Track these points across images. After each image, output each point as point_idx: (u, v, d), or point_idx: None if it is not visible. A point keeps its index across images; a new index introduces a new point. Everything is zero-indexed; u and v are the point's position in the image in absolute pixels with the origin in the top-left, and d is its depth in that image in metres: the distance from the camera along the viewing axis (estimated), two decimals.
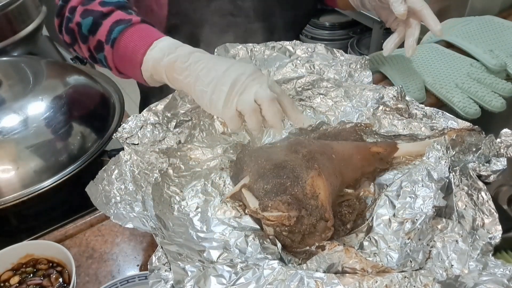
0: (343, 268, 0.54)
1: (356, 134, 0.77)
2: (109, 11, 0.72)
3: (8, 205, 0.75)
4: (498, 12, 1.21)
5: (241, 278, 0.53)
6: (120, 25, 0.70)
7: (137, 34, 0.69)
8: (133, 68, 0.70)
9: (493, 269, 0.51)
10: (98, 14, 0.72)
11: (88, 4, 0.73)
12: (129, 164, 0.68)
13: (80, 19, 0.73)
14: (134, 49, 0.68)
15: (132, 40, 0.69)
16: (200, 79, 0.61)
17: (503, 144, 0.64)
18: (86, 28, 0.73)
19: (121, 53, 0.70)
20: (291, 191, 0.60)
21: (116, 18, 0.71)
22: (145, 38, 0.68)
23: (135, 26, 0.70)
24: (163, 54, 0.65)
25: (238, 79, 0.59)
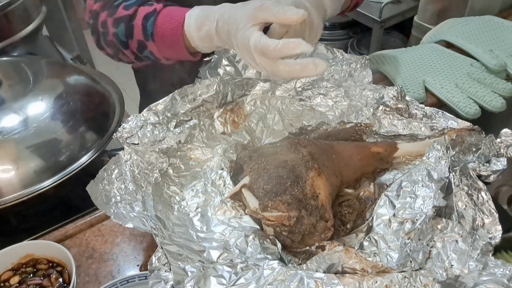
0: (343, 268, 0.54)
1: (356, 134, 0.77)
2: (134, 11, 0.75)
3: (8, 205, 0.75)
4: (498, 12, 1.21)
5: (241, 279, 0.53)
6: (150, 18, 0.73)
7: (168, 18, 0.72)
8: (179, 49, 0.72)
9: (493, 269, 0.51)
10: (127, 18, 0.75)
11: (115, 14, 0.76)
12: (129, 164, 0.68)
13: (114, 29, 0.76)
14: (172, 31, 0.71)
15: (167, 27, 0.72)
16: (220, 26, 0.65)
17: (503, 144, 0.64)
18: (122, 35, 0.76)
19: (163, 42, 0.73)
20: (291, 191, 0.60)
21: (143, 14, 0.74)
22: (177, 16, 0.71)
23: (161, 13, 0.73)
24: (197, 20, 0.68)
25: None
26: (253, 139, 0.78)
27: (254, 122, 0.78)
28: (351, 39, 2.17)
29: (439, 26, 1.14)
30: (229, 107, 0.78)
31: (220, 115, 0.77)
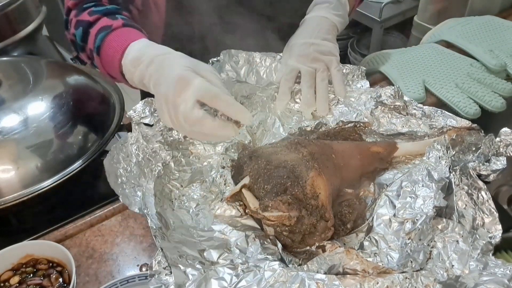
0: (344, 269, 0.54)
1: (355, 134, 0.77)
2: (95, 20, 0.74)
3: (8, 205, 0.75)
4: (498, 12, 1.21)
5: (243, 281, 0.53)
6: (102, 32, 0.71)
7: (116, 39, 0.70)
8: (117, 73, 0.70)
9: (494, 269, 0.51)
10: (86, 24, 0.74)
11: (79, 15, 0.75)
12: (135, 148, 0.70)
13: (74, 30, 0.76)
14: (112, 56, 0.69)
15: (111, 46, 0.70)
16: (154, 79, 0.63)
17: (503, 143, 0.64)
18: (79, 39, 0.75)
19: (105, 60, 0.72)
20: (291, 191, 0.60)
21: (100, 26, 0.72)
22: (122, 42, 0.68)
23: (115, 31, 0.71)
24: (132, 57, 0.66)
25: (168, 94, 0.58)
26: (254, 140, 0.78)
27: (255, 125, 0.79)
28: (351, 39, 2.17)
29: (439, 26, 1.14)
30: None
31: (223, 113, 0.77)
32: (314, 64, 0.77)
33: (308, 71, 0.77)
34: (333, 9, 0.82)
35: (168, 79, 0.59)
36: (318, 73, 0.77)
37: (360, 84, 0.83)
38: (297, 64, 0.78)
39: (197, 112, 0.57)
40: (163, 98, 0.59)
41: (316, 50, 0.77)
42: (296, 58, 0.78)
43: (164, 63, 0.62)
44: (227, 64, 0.85)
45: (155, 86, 0.62)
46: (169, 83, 0.58)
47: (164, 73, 0.61)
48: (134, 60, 0.65)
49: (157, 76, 0.62)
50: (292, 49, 0.79)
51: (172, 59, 0.62)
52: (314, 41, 0.78)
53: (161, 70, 0.61)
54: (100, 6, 0.76)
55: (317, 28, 0.79)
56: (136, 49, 0.66)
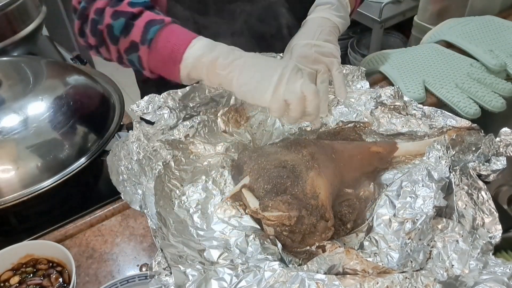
0: (344, 269, 0.54)
1: (355, 134, 0.77)
2: (139, 12, 0.73)
3: (8, 205, 0.75)
4: (498, 12, 1.21)
5: (242, 281, 0.52)
6: (155, 25, 0.71)
7: (174, 34, 0.71)
8: (171, 67, 0.71)
9: (494, 267, 0.51)
10: (129, 15, 0.72)
11: (117, 6, 0.73)
12: (136, 146, 0.70)
13: (111, 21, 0.72)
14: (173, 48, 0.70)
15: (170, 39, 0.70)
16: (243, 72, 0.66)
17: (503, 143, 0.64)
18: (118, 30, 0.73)
19: (158, 53, 0.71)
20: (291, 191, 0.60)
21: (148, 18, 0.72)
22: (182, 37, 0.70)
23: (169, 26, 0.72)
24: (203, 52, 0.68)
25: (284, 72, 0.64)
26: (254, 140, 0.78)
27: (255, 125, 0.79)
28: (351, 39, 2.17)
29: (439, 26, 1.14)
30: (234, 106, 0.78)
31: (224, 113, 0.77)
32: (315, 66, 0.77)
33: (309, 72, 0.77)
34: (334, 10, 0.82)
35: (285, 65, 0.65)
36: (319, 74, 0.77)
37: (360, 84, 0.83)
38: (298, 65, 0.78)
39: (314, 86, 0.65)
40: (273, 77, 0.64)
41: (318, 51, 0.77)
42: (297, 59, 0.77)
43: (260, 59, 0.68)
44: None
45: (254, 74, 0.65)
46: (288, 66, 0.65)
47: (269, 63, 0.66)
48: (207, 54, 0.67)
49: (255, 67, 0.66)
50: (293, 50, 0.79)
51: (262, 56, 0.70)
52: (316, 43, 0.78)
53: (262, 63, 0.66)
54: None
55: (319, 29, 0.79)
56: (205, 44, 0.69)
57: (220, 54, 0.67)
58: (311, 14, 0.84)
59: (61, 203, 0.87)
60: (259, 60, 0.68)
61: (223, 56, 0.67)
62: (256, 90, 0.65)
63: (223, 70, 0.67)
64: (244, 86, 0.65)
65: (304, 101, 0.64)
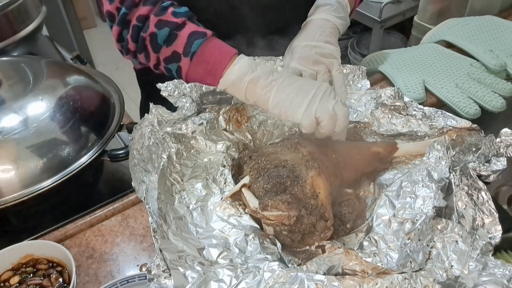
0: (343, 270, 0.54)
1: (355, 134, 0.77)
2: (183, 22, 0.74)
3: (8, 205, 0.75)
4: (498, 12, 1.21)
5: (242, 283, 0.52)
6: (198, 38, 0.73)
7: (216, 49, 0.74)
8: (209, 81, 0.74)
9: (493, 269, 0.51)
10: (173, 26, 0.73)
11: (162, 15, 0.74)
12: (149, 130, 0.70)
13: (156, 30, 0.74)
14: (214, 63, 0.73)
15: (213, 54, 0.73)
16: (280, 91, 0.69)
17: (503, 143, 0.64)
18: (162, 39, 0.74)
19: (200, 66, 0.74)
20: (291, 190, 0.60)
21: (191, 30, 0.74)
22: (224, 53, 0.73)
23: (211, 40, 0.74)
24: (246, 71, 0.71)
25: (317, 92, 0.68)
26: (254, 139, 0.78)
27: (256, 125, 0.79)
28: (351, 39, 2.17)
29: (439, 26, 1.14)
30: (235, 106, 0.79)
31: (225, 112, 0.77)
32: (316, 67, 0.78)
33: (309, 73, 0.77)
34: (334, 11, 0.83)
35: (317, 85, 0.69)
36: (319, 75, 0.78)
37: (361, 84, 0.83)
38: (299, 66, 0.78)
39: (346, 108, 0.70)
40: (308, 96, 0.68)
41: (318, 52, 0.78)
42: (297, 60, 0.78)
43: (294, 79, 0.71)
44: None
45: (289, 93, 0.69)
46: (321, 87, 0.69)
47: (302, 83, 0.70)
48: (249, 73, 0.70)
49: (290, 86, 0.70)
50: (293, 51, 0.80)
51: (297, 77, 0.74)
52: (316, 44, 0.79)
53: (296, 84, 0.70)
54: (179, 8, 0.76)
55: (319, 31, 0.80)
56: (247, 62, 0.72)
57: (262, 75, 0.70)
58: (311, 16, 0.85)
59: (61, 203, 0.87)
60: (296, 79, 0.71)
61: (264, 76, 0.70)
62: (290, 107, 0.68)
63: (262, 89, 0.70)
64: (280, 103, 0.69)
65: (335, 120, 0.68)
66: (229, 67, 0.72)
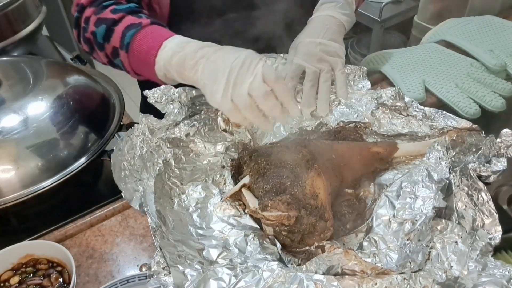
0: (342, 270, 0.55)
1: (356, 134, 0.77)
2: (120, 18, 0.74)
3: (8, 205, 0.75)
4: (498, 12, 1.21)
5: (241, 281, 0.53)
6: (131, 29, 0.72)
7: (148, 36, 0.71)
8: (148, 70, 0.71)
9: (493, 270, 0.51)
10: (110, 22, 0.74)
11: (100, 13, 0.75)
12: (140, 140, 0.70)
13: (94, 28, 0.75)
14: (147, 51, 0.70)
15: (144, 42, 0.71)
16: (203, 72, 0.64)
17: (503, 144, 0.64)
18: (100, 36, 0.74)
19: (135, 57, 0.72)
20: (290, 191, 0.60)
21: (127, 23, 0.73)
22: (156, 39, 0.70)
23: (145, 29, 0.72)
24: (172, 53, 0.67)
25: (232, 70, 0.60)
26: (254, 139, 0.78)
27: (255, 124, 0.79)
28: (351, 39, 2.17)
29: (439, 26, 1.14)
30: None
31: None
32: (320, 64, 0.77)
33: (313, 71, 0.76)
34: (340, 8, 0.82)
35: (234, 59, 0.61)
36: (322, 73, 0.77)
37: (361, 84, 0.83)
38: (303, 62, 0.77)
39: (265, 86, 0.59)
40: (223, 77, 0.60)
41: (323, 50, 0.77)
42: (302, 57, 0.77)
43: (222, 52, 0.64)
44: None
45: (211, 72, 0.63)
46: (237, 62, 0.60)
47: (225, 57, 0.62)
48: (176, 55, 0.66)
49: (213, 63, 0.63)
50: (298, 47, 0.79)
51: (228, 49, 0.65)
52: (321, 41, 0.77)
53: (220, 59, 0.63)
54: (121, 5, 0.76)
55: (325, 28, 0.79)
56: (174, 44, 0.67)
57: (187, 55, 0.65)
58: (316, 12, 0.84)
59: (61, 203, 0.87)
60: (220, 55, 0.64)
61: (190, 56, 0.65)
62: (212, 89, 0.62)
63: (190, 71, 0.65)
64: (205, 86, 0.64)
65: (254, 105, 0.60)
66: (160, 50, 0.69)
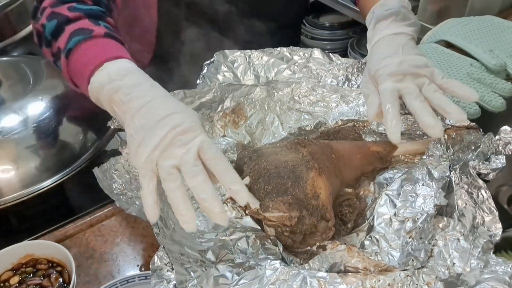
0: (345, 267, 0.54)
1: (354, 133, 0.77)
2: (75, 17, 0.66)
3: (8, 205, 0.75)
4: (498, 12, 1.21)
5: (243, 279, 0.52)
6: (79, 35, 0.63)
7: (92, 49, 0.61)
8: (83, 85, 0.62)
9: (495, 266, 0.51)
10: (63, 19, 0.66)
11: (56, 7, 0.68)
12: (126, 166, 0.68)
13: (46, 21, 0.67)
14: (84, 66, 0.60)
15: (85, 55, 0.61)
16: (133, 120, 0.53)
17: (502, 141, 0.64)
18: (49, 32, 0.67)
19: (72, 67, 0.64)
20: (292, 191, 0.60)
21: (78, 27, 0.64)
22: (98, 55, 0.60)
23: (94, 39, 0.62)
24: (108, 79, 0.57)
25: (166, 136, 0.51)
26: (253, 140, 0.78)
27: (254, 124, 0.79)
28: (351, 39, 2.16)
29: (439, 26, 1.14)
30: (228, 110, 0.78)
31: (219, 118, 0.77)
32: (416, 80, 0.63)
33: (414, 88, 0.63)
34: (402, 20, 0.69)
35: (174, 125, 0.52)
36: (425, 86, 0.63)
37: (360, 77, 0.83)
38: (396, 84, 0.63)
39: (199, 163, 0.50)
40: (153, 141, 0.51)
41: (412, 65, 0.64)
42: (391, 79, 0.63)
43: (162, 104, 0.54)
44: (223, 64, 0.85)
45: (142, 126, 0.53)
46: (172, 123, 0.52)
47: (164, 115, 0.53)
48: (111, 83, 0.56)
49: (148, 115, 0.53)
50: (379, 72, 0.65)
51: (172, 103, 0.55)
52: (405, 58, 0.65)
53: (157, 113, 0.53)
54: (84, 4, 0.69)
55: (399, 47, 0.67)
56: (115, 70, 0.58)
57: (121, 87, 0.55)
58: (376, 33, 0.71)
59: (61, 203, 0.87)
60: (159, 107, 0.53)
61: (124, 90, 0.55)
62: (136, 150, 0.52)
63: (118, 107, 0.55)
64: (129, 137, 0.53)
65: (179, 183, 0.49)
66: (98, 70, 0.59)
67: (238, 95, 0.80)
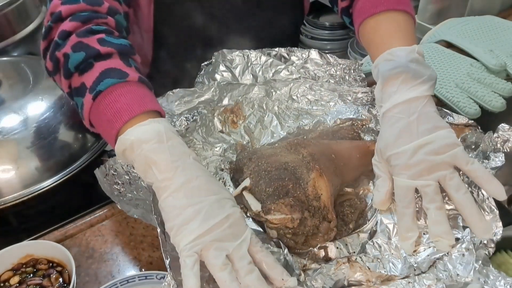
0: (348, 282, 0.55)
1: (353, 132, 0.77)
2: (106, 53, 0.60)
3: (8, 205, 0.75)
4: (498, 12, 1.21)
5: None
6: (112, 77, 0.58)
7: (128, 96, 0.57)
8: (108, 131, 0.58)
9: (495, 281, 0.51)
10: (93, 53, 0.60)
11: (84, 37, 0.61)
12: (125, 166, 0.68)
13: (70, 51, 0.60)
14: (118, 110, 0.56)
15: (120, 100, 0.57)
16: (182, 191, 0.51)
17: (500, 139, 0.63)
18: (73, 64, 0.60)
19: (100, 111, 0.58)
20: (293, 193, 0.60)
21: (111, 65, 0.59)
22: (137, 103, 0.56)
23: (129, 85, 0.58)
24: (151, 137, 0.53)
25: (220, 222, 0.50)
26: (252, 140, 0.78)
27: (252, 124, 0.79)
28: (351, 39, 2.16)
29: (439, 26, 1.14)
30: (229, 107, 0.78)
31: (220, 113, 0.77)
32: (435, 173, 0.54)
33: (430, 187, 0.54)
34: (415, 78, 0.58)
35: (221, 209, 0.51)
36: (447, 182, 0.54)
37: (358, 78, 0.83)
38: (410, 181, 0.55)
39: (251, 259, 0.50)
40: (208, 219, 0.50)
41: (429, 152, 0.54)
42: (405, 173, 0.56)
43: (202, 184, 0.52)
44: (221, 64, 0.85)
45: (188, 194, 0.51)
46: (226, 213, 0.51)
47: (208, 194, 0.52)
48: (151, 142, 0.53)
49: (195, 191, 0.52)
50: (391, 161, 0.58)
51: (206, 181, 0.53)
52: (421, 142, 0.55)
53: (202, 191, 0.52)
54: (113, 37, 0.63)
55: (413, 123, 0.57)
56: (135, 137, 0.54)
57: (168, 152, 0.52)
58: (385, 101, 0.61)
59: (61, 203, 0.87)
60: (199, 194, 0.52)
61: (172, 156, 0.52)
62: (174, 234, 0.50)
63: (160, 173, 0.52)
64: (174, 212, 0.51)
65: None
66: (135, 124, 0.54)
67: (236, 94, 0.80)
